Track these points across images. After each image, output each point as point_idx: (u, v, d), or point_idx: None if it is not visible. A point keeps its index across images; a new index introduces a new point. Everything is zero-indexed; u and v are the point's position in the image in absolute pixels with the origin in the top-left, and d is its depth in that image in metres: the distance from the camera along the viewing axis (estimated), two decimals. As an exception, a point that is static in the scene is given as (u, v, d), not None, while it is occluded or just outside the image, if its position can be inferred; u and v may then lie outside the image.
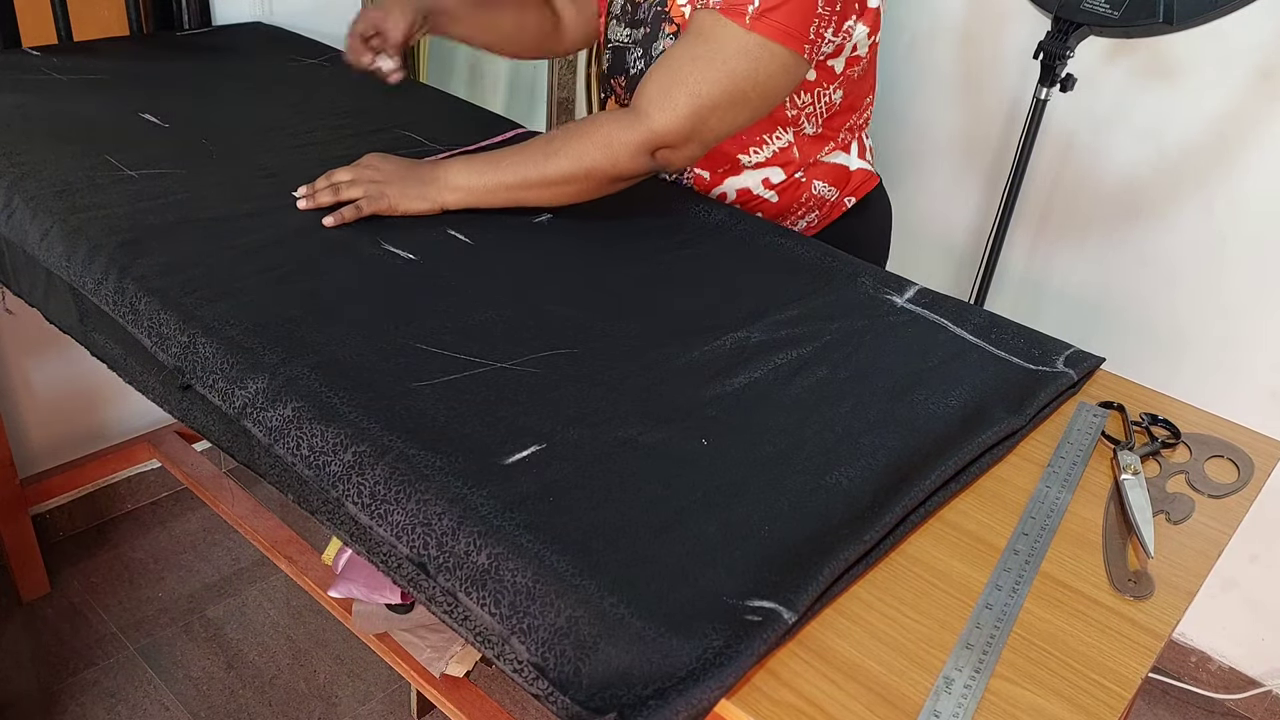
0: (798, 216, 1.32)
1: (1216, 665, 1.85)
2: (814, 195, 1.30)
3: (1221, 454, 0.92)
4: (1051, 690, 0.66)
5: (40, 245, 1.05)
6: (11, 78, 1.43)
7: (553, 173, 1.11)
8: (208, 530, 2.01)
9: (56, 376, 1.83)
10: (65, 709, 1.62)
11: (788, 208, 1.30)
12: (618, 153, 1.10)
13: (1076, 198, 1.79)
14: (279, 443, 0.81)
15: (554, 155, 1.11)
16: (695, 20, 1.11)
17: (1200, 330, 1.71)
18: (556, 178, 1.11)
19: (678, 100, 1.09)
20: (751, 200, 1.30)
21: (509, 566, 0.68)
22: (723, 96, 1.10)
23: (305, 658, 1.75)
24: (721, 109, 1.10)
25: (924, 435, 0.86)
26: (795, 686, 0.65)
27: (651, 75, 1.12)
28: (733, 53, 1.08)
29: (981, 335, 1.02)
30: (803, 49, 1.10)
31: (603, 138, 1.10)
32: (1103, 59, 1.67)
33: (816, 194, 1.30)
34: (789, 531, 0.73)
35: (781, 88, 1.14)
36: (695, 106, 1.09)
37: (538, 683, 0.66)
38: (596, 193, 1.14)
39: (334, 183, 1.12)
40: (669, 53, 1.13)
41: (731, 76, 1.09)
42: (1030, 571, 0.75)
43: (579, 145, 1.10)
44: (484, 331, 0.93)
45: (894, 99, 1.97)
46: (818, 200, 1.31)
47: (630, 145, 1.10)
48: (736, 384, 0.90)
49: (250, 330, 0.89)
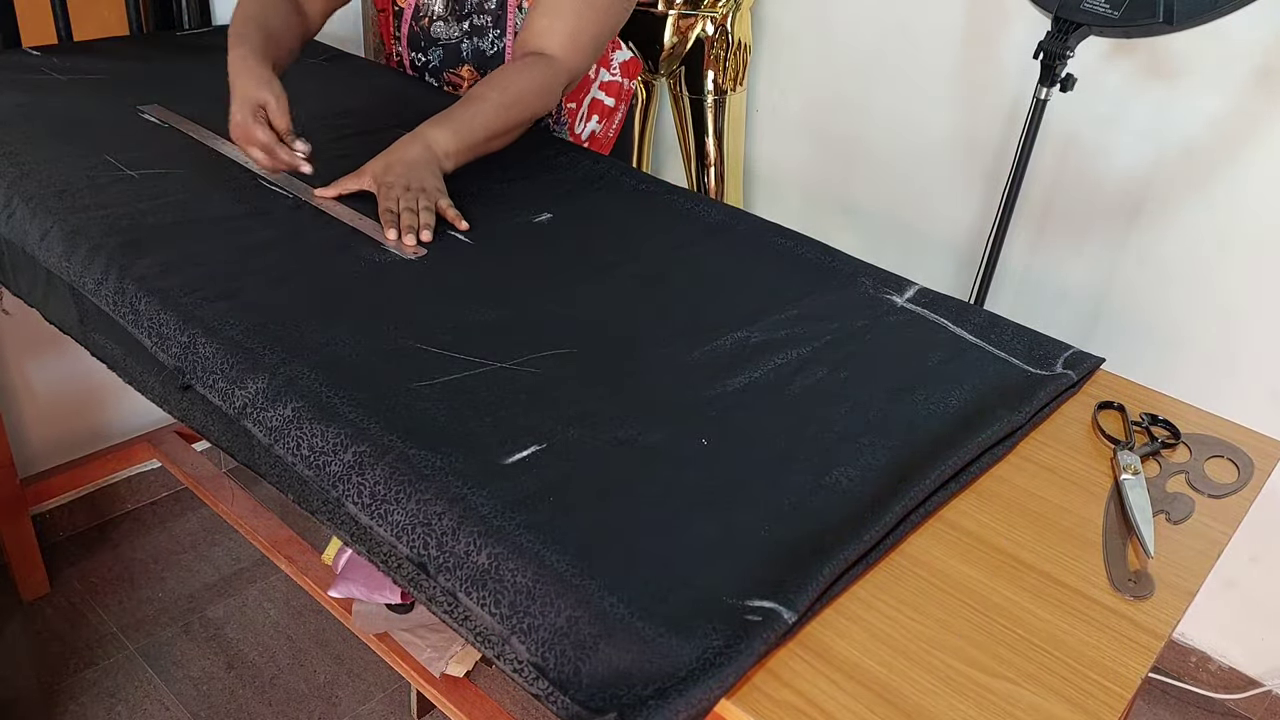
0: (617, 112, 1.55)
1: (1216, 665, 1.85)
2: (624, 88, 1.54)
3: (1221, 454, 0.92)
4: (1051, 690, 0.66)
5: (40, 245, 1.05)
6: (11, 78, 1.43)
7: (513, 123, 1.22)
8: (208, 530, 2.01)
9: (56, 376, 1.83)
10: (65, 709, 1.62)
11: (615, 108, 1.54)
12: (550, 99, 1.25)
13: (1076, 198, 1.79)
14: (279, 443, 0.81)
15: (510, 107, 1.21)
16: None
17: (1200, 330, 1.71)
18: (515, 127, 1.23)
19: (584, 44, 1.27)
20: (599, 108, 1.52)
21: (509, 566, 0.68)
22: (612, 29, 1.31)
23: (305, 658, 1.75)
24: (606, 39, 1.31)
25: (924, 435, 0.86)
26: (795, 686, 0.65)
27: (551, 26, 1.27)
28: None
29: (981, 335, 1.02)
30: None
31: (539, 87, 1.23)
32: (1103, 59, 1.67)
33: (624, 87, 1.55)
34: (789, 531, 0.73)
35: (631, 7, 1.35)
36: (597, 45, 1.29)
37: (538, 683, 0.66)
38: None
39: (403, 210, 1.10)
40: (555, 5, 1.27)
41: (613, 11, 1.29)
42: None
43: (527, 97, 1.22)
44: (484, 331, 0.93)
45: (894, 99, 1.97)
46: (624, 91, 1.55)
47: (557, 87, 1.26)
48: (736, 384, 0.90)
49: (250, 330, 0.89)
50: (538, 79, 1.23)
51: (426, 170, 1.14)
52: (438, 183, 1.14)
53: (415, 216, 1.09)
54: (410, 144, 1.15)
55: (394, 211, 1.09)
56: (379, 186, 1.13)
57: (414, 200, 1.11)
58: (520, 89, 1.21)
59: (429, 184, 1.13)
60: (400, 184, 1.12)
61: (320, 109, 1.43)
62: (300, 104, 1.19)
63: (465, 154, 1.18)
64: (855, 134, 2.06)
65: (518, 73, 1.23)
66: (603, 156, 1.41)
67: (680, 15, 1.94)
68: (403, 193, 1.11)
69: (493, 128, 1.19)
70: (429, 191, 1.12)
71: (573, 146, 1.40)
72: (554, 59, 1.25)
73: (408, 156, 1.14)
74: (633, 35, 1.99)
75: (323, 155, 1.19)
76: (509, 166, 1.30)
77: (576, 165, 1.34)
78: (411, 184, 1.12)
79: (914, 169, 2.00)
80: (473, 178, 1.25)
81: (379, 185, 1.13)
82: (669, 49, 1.98)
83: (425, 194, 1.11)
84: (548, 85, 1.24)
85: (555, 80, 1.25)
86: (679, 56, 1.98)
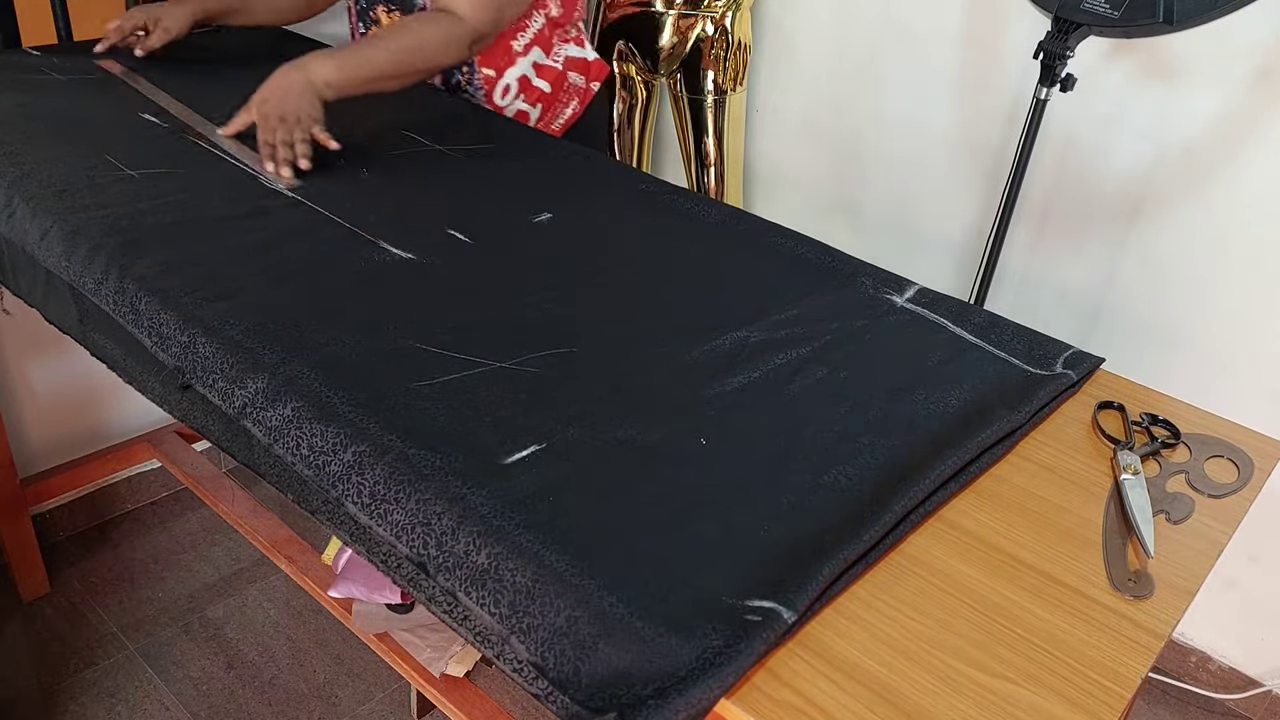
0: (563, 105, 1.58)
1: (1216, 665, 1.85)
2: (571, 84, 1.57)
3: (1221, 454, 0.92)
4: (1051, 690, 0.66)
5: (40, 245, 1.05)
6: (11, 78, 1.43)
7: (407, 69, 1.31)
8: (208, 530, 2.01)
9: (56, 376, 1.83)
10: (65, 709, 1.62)
11: (556, 97, 1.56)
12: (452, 51, 1.34)
13: (1076, 198, 1.79)
14: (279, 443, 0.81)
15: (405, 52, 1.30)
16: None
17: (1200, 330, 1.71)
18: (409, 73, 1.32)
19: (490, 3, 1.34)
20: (531, 90, 1.53)
21: (509, 566, 0.68)
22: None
23: (305, 658, 1.75)
24: (513, 4, 1.39)
25: (923, 435, 0.86)
26: (795, 686, 0.65)
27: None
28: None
29: (981, 335, 1.02)
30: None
31: (442, 39, 1.32)
32: (1103, 59, 1.67)
33: (572, 82, 1.57)
34: (789, 531, 0.73)
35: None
36: (500, 7, 1.36)
37: (537, 682, 0.66)
38: (426, 79, 1.40)
39: (279, 143, 1.20)
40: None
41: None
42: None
43: (427, 48, 1.31)
44: (484, 331, 0.93)
45: (894, 99, 1.97)
46: (575, 88, 1.58)
47: (462, 42, 1.34)
48: (736, 383, 0.90)
49: (250, 330, 0.89)
50: (440, 32, 1.32)
51: (303, 98, 1.21)
52: (313, 110, 1.22)
53: (291, 150, 1.19)
54: (289, 72, 1.23)
55: (271, 144, 1.19)
56: (259, 117, 1.21)
57: (289, 132, 1.20)
58: (420, 38, 1.31)
59: (304, 112, 1.21)
60: (276, 114, 1.20)
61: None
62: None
63: (348, 87, 1.26)
64: (855, 134, 2.06)
65: (420, 23, 1.33)
66: (603, 156, 1.41)
67: (680, 15, 1.94)
68: (279, 123, 1.20)
69: (381, 68, 1.28)
70: (304, 121, 1.21)
71: (573, 147, 1.40)
72: (459, 16, 1.34)
73: (284, 84, 1.22)
74: (633, 35, 1.99)
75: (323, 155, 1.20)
76: (509, 166, 1.31)
77: (577, 165, 1.34)
78: (287, 114, 1.20)
79: (914, 169, 2.00)
80: (473, 177, 1.25)
81: (259, 116, 1.21)
82: (669, 49, 1.98)
83: (300, 124, 1.20)
84: (449, 38, 1.32)
85: (458, 35, 1.33)
86: (679, 56, 1.98)
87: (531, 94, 1.54)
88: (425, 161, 1.30)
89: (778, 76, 2.15)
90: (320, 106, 1.23)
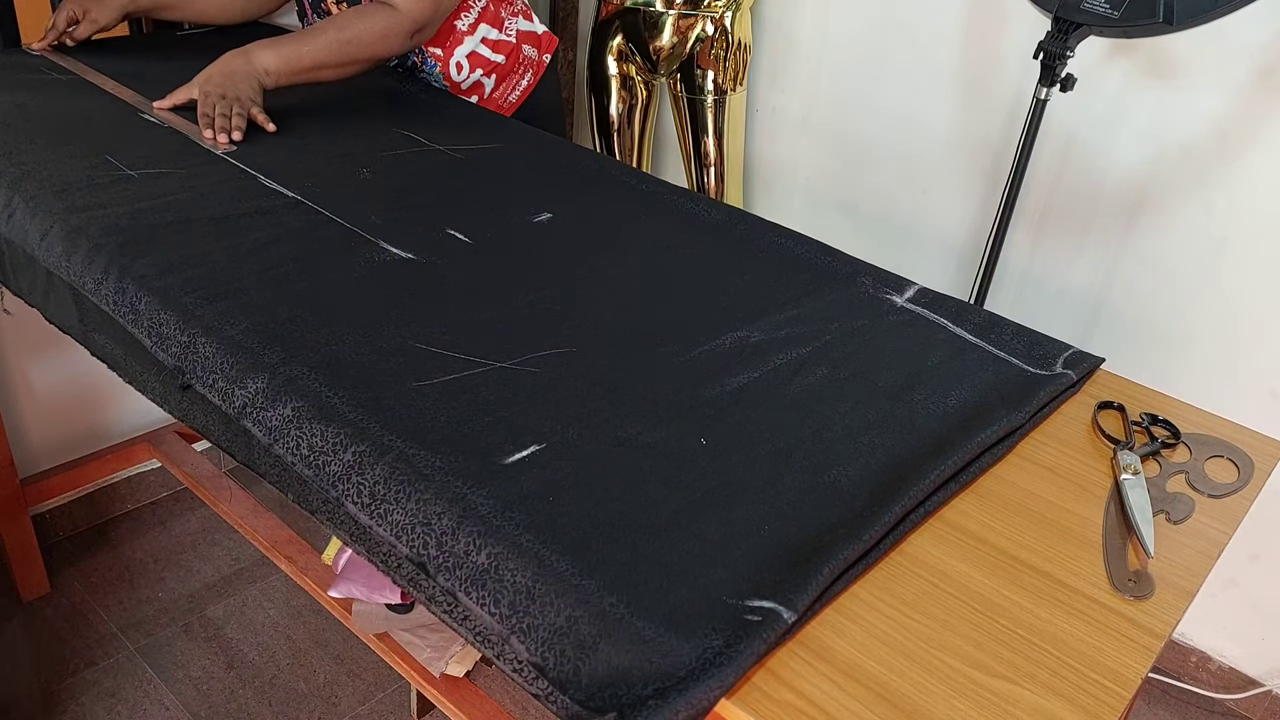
0: (520, 76, 1.62)
1: (1216, 665, 1.85)
2: (525, 56, 1.61)
3: (1221, 454, 0.92)
4: (1051, 690, 0.66)
5: (40, 245, 1.05)
6: (11, 78, 1.43)
7: (347, 58, 1.37)
8: (208, 530, 2.01)
9: (56, 376, 1.83)
10: (65, 709, 1.62)
11: (512, 69, 1.60)
12: (392, 42, 1.39)
13: (1076, 198, 1.79)
14: (279, 442, 0.81)
15: (345, 44, 1.35)
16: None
17: (1200, 330, 1.71)
18: (349, 62, 1.38)
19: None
20: (486, 64, 1.57)
21: (509, 566, 0.68)
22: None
23: (305, 658, 1.75)
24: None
25: (923, 435, 0.86)
26: (795, 686, 0.65)
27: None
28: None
29: (981, 335, 1.02)
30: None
31: (380, 31, 1.37)
32: (1103, 59, 1.67)
33: (526, 55, 1.61)
34: (789, 531, 0.73)
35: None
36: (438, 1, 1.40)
37: (537, 682, 0.66)
38: (368, 70, 1.43)
39: (217, 115, 1.28)
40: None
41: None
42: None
43: (365, 38, 1.36)
44: (484, 331, 0.93)
45: (894, 99, 1.97)
46: (529, 60, 1.62)
47: (400, 34, 1.39)
48: (736, 383, 0.90)
49: (250, 330, 0.89)
50: (379, 24, 1.37)
51: (244, 82, 1.31)
52: (252, 93, 1.31)
53: (229, 121, 1.27)
54: (234, 58, 1.33)
55: (209, 115, 1.28)
56: (200, 95, 1.30)
57: (228, 107, 1.28)
58: (359, 30, 1.36)
59: (244, 93, 1.30)
60: (217, 92, 1.30)
61: (319, 109, 1.43)
62: (299, 104, 1.30)
63: (288, 75, 1.34)
64: (855, 134, 2.06)
65: (359, 15, 1.38)
66: (603, 156, 1.41)
67: (680, 15, 1.94)
68: (219, 100, 1.29)
69: (321, 59, 1.35)
70: (243, 100, 1.30)
71: (574, 146, 1.40)
72: (397, 9, 1.38)
73: (228, 68, 1.32)
74: (633, 35, 1.99)
75: (324, 154, 1.19)
76: (508, 166, 1.31)
77: (576, 165, 1.34)
78: (228, 93, 1.30)
79: (914, 169, 2.00)
80: (473, 177, 1.25)
81: (200, 94, 1.30)
82: (669, 49, 1.98)
83: (239, 102, 1.29)
84: (388, 30, 1.38)
85: (395, 26, 1.38)
86: (679, 56, 1.98)
87: (487, 66, 1.58)
88: (425, 161, 1.30)
89: (778, 76, 2.15)
90: (260, 92, 1.32)
